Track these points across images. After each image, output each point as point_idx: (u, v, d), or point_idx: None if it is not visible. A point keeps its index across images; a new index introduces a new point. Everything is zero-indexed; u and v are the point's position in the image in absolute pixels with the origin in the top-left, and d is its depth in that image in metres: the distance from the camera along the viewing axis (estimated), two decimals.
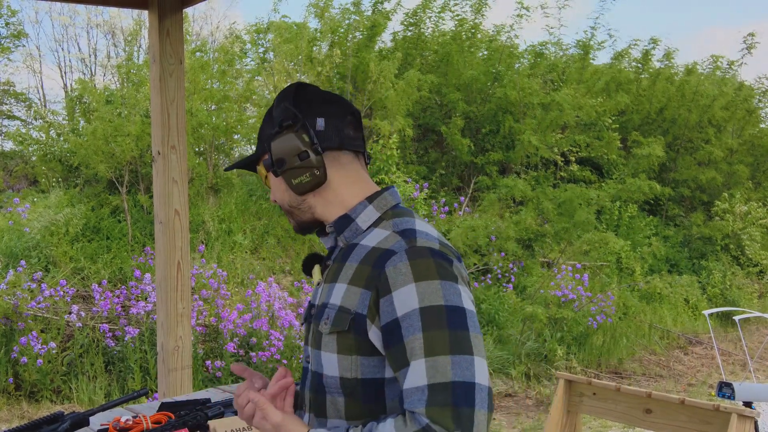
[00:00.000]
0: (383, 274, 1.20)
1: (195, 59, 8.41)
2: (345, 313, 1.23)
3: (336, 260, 1.34)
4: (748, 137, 13.24)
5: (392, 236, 1.26)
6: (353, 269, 1.26)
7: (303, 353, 1.42)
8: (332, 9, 9.60)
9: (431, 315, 1.15)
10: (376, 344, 1.21)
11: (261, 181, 1.45)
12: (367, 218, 1.33)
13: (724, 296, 10.22)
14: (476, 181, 9.80)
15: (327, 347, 1.26)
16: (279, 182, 1.38)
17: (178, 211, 3.05)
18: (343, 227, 1.34)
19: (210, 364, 5.57)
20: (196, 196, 7.94)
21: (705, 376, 7.52)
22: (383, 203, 1.35)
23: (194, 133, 7.91)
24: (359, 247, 1.29)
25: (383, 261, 1.21)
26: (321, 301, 1.31)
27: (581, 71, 11.37)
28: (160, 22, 2.98)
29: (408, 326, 1.15)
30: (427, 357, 1.12)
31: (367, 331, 1.21)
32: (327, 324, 1.26)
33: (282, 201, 1.39)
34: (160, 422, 2.04)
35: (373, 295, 1.21)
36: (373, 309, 1.20)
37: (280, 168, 1.33)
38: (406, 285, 1.17)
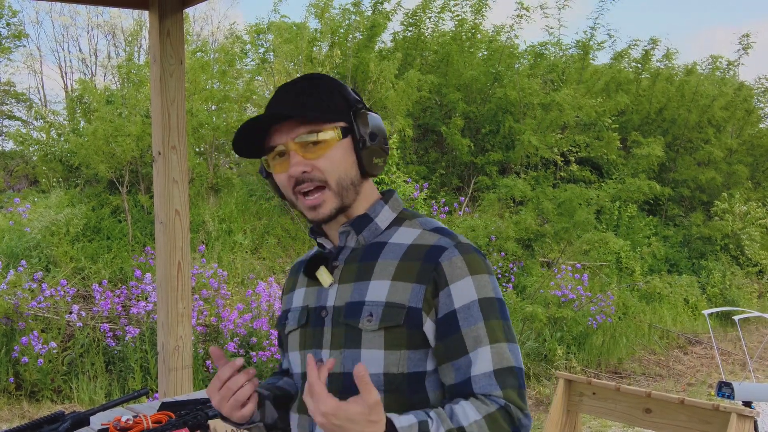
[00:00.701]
0: (439, 267, 1.22)
1: (195, 59, 8.42)
2: (396, 308, 1.22)
3: (349, 260, 1.31)
4: (747, 137, 13.25)
5: (429, 234, 1.28)
6: (393, 266, 1.25)
7: (293, 360, 1.36)
8: (332, 9, 9.62)
9: (487, 306, 1.23)
10: (428, 336, 1.23)
11: (282, 145, 1.26)
12: (386, 218, 1.33)
13: (723, 296, 10.23)
14: (476, 181, 9.81)
15: (370, 344, 1.23)
16: (348, 155, 1.28)
17: (179, 211, 3.05)
18: (362, 227, 1.31)
19: (210, 364, 5.58)
20: (196, 196, 7.94)
21: (704, 375, 7.52)
22: (396, 204, 1.36)
23: (195, 133, 7.92)
24: (389, 246, 1.29)
25: (435, 256, 1.24)
26: (344, 301, 1.27)
27: (581, 71, 11.37)
28: (160, 22, 2.99)
29: (467, 317, 1.22)
30: (491, 344, 1.21)
31: (423, 324, 1.22)
32: (372, 321, 1.23)
33: (339, 175, 1.27)
34: (161, 422, 2.05)
35: (429, 288, 1.22)
36: (429, 302, 1.22)
37: (373, 141, 1.29)
38: (462, 278, 1.23)
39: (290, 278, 1.47)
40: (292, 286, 1.44)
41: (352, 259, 1.31)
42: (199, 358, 5.59)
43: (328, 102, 1.29)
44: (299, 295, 1.38)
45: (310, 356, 1.10)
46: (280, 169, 1.28)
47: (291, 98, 1.28)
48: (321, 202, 1.26)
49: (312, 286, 1.36)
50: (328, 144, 1.25)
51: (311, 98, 1.28)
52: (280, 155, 1.28)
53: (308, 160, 1.25)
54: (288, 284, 1.47)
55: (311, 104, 1.28)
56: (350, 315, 1.26)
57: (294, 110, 1.27)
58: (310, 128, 1.25)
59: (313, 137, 1.24)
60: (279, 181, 1.30)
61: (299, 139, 1.25)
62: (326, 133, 1.25)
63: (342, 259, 1.32)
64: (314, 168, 1.25)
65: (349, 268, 1.30)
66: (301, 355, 1.34)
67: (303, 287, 1.38)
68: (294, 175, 1.25)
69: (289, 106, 1.28)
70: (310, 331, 1.32)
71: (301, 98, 1.28)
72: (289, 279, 1.47)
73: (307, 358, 1.15)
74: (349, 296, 1.27)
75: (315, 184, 1.25)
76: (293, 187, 1.27)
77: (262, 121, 1.26)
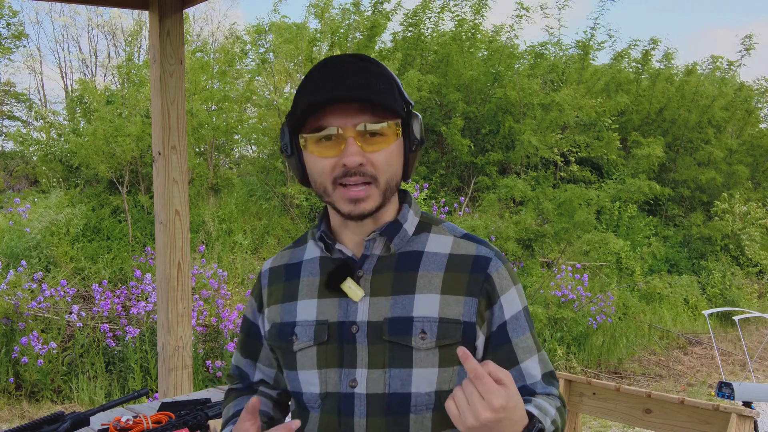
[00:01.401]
0: (490, 279, 1.19)
1: (195, 60, 8.43)
2: (452, 324, 1.16)
3: (379, 270, 1.20)
4: (747, 137, 13.25)
5: (464, 242, 1.23)
6: (439, 278, 1.18)
7: (306, 379, 1.22)
8: (332, 9, 9.62)
9: (527, 314, 1.24)
10: (478, 349, 1.20)
11: (349, 133, 1.12)
12: (412, 224, 1.25)
13: (723, 296, 10.22)
14: (476, 181, 9.81)
15: (424, 363, 1.16)
16: (399, 155, 1.18)
17: (179, 211, 3.05)
18: (393, 234, 1.21)
19: (210, 364, 5.58)
20: (196, 197, 7.94)
21: (705, 376, 7.52)
22: (417, 208, 1.28)
23: (195, 133, 7.92)
24: (428, 256, 1.21)
25: (482, 267, 1.20)
26: (382, 316, 1.17)
27: (581, 71, 11.37)
28: (160, 22, 2.99)
29: (516, 327, 1.21)
30: (539, 352, 1.25)
31: (476, 338, 1.19)
32: (427, 338, 1.15)
33: (390, 174, 1.16)
34: (161, 422, 2.05)
35: (482, 301, 1.18)
36: (482, 315, 1.18)
37: (421, 145, 1.21)
38: (510, 288, 1.22)
39: (274, 285, 1.31)
40: (287, 296, 1.27)
41: (382, 269, 1.21)
42: (199, 359, 5.59)
43: (394, 93, 1.17)
44: (308, 308, 1.23)
45: (464, 350, 0.97)
46: (325, 153, 1.14)
47: (360, 80, 1.13)
48: (366, 196, 1.14)
49: (328, 298, 1.22)
50: (388, 139, 1.15)
51: (380, 83, 1.15)
52: (328, 138, 1.13)
53: (365, 152, 1.13)
54: (274, 292, 1.30)
55: (383, 91, 1.14)
56: (397, 332, 1.16)
57: (368, 94, 1.12)
58: (375, 118, 1.13)
59: (377, 127, 1.13)
60: (318, 165, 1.15)
61: (362, 126, 1.12)
62: (390, 126, 1.15)
63: (368, 268, 1.21)
64: (369, 162, 1.13)
65: (381, 278, 1.20)
66: (321, 375, 1.20)
67: (312, 298, 1.24)
68: (350, 165, 1.12)
69: (360, 89, 1.12)
70: (335, 349, 1.19)
71: (371, 81, 1.14)
72: (275, 287, 1.31)
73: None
74: (389, 311, 1.17)
75: (364, 179, 1.13)
76: (338, 177, 1.14)
77: (333, 100, 1.11)
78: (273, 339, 1.28)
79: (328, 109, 1.13)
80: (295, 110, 1.17)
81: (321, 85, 1.13)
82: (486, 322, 1.19)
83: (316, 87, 1.14)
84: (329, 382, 1.19)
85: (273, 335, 1.27)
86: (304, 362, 1.22)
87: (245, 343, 1.39)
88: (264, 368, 1.39)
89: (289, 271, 1.30)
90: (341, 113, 1.12)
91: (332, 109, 1.13)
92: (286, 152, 1.22)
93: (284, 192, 8.51)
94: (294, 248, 1.35)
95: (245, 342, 1.39)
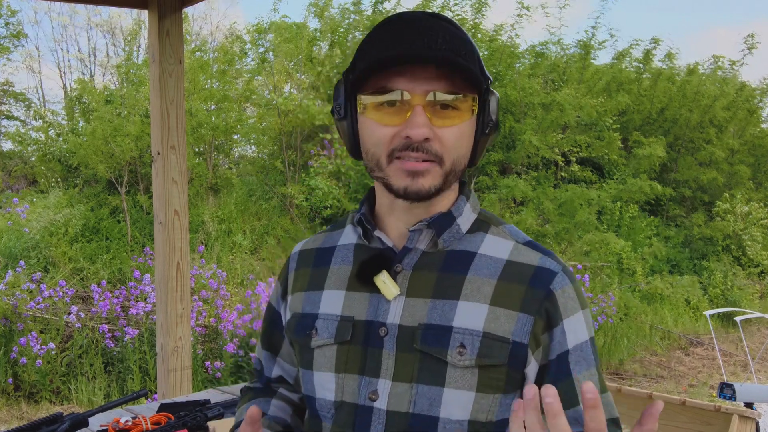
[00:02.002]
0: (552, 297, 1.00)
1: (195, 59, 8.42)
2: (499, 342, 0.98)
3: (421, 267, 1.03)
4: (749, 137, 13.25)
5: (526, 250, 1.04)
6: (491, 286, 1.00)
7: (321, 382, 1.07)
8: (332, 9, 9.61)
9: (594, 347, 1.04)
10: (528, 380, 1.00)
11: (425, 109, 0.95)
12: (467, 220, 1.07)
13: (725, 297, 10.21)
14: (476, 181, 9.79)
15: (459, 383, 0.98)
16: (470, 137, 1.01)
17: (178, 212, 3.04)
18: (443, 227, 1.04)
19: (209, 364, 5.56)
20: (195, 197, 7.93)
21: (706, 377, 7.50)
22: (475, 203, 1.10)
23: (194, 133, 7.90)
24: (480, 258, 1.03)
25: (545, 281, 1.00)
26: (416, 321, 1.00)
27: (582, 71, 11.36)
28: (159, 22, 2.97)
29: (580, 360, 1.00)
30: (603, 393, 1.02)
31: (527, 364, 0.99)
32: (465, 354, 0.97)
33: (458, 156, 0.99)
34: (160, 423, 2.03)
35: (539, 321, 0.99)
36: (537, 338, 0.99)
37: (496, 129, 1.05)
38: (576, 312, 1.01)
39: (302, 270, 1.16)
40: (314, 284, 1.12)
41: (425, 266, 1.03)
42: (198, 359, 5.57)
43: (475, 63, 0.99)
44: (334, 300, 1.08)
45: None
46: (385, 120, 0.97)
47: (438, 40, 0.95)
48: (426, 170, 0.97)
49: (358, 291, 1.06)
50: (462, 115, 0.98)
51: (462, 48, 0.97)
52: (391, 104, 0.96)
53: (434, 126, 0.96)
54: (300, 278, 1.15)
55: (464, 57, 0.96)
56: (431, 341, 0.99)
57: (447, 57, 0.94)
58: (451, 87, 0.96)
59: (450, 99, 0.96)
60: (375, 133, 0.99)
61: (432, 95, 0.95)
62: (466, 101, 0.97)
63: (409, 264, 1.04)
64: (437, 138, 0.96)
65: (422, 277, 1.03)
66: (337, 380, 1.04)
67: (340, 290, 1.08)
68: (414, 137, 0.95)
69: (438, 50, 0.94)
70: (357, 351, 1.03)
71: (452, 44, 0.96)
72: (302, 271, 1.16)
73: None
74: (426, 316, 1.00)
75: (428, 157, 0.96)
76: (396, 149, 0.97)
77: (404, 58, 0.94)
78: (291, 331, 1.13)
79: (396, 70, 0.95)
80: (355, 66, 1.01)
81: (391, 40, 0.96)
82: (542, 347, 1.00)
83: (384, 42, 0.97)
84: (346, 390, 1.03)
85: (292, 326, 1.13)
86: (322, 362, 1.06)
87: (266, 333, 1.23)
88: (284, 364, 1.22)
89: (320, 256, 1.15)
90: (411, 76, 0.95)
91: (401, 70, 0.95)
92: (338, 114, 1.04)
93: (284, 192, 8.49)
94: (331, 231, 1.18)
95: (266, 332, 1.23)
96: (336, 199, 8.13)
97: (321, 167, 8.42)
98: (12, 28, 9.55)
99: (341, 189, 8.35)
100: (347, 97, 1.02)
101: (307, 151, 8.94)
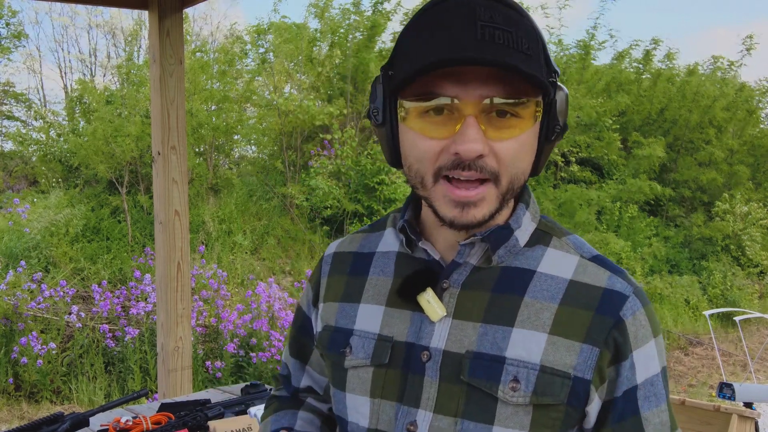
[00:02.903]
0: (622, 326, 0.85)
1: (195, 59, 8.42)
2: (559, 378, 0.84)
3: (471, 286, 0.90)
4: (748, 138, 13.26)
5: (593, 268, 0.89)
6: (551, 311, 0.86)
7: (354, 406, 0.96)
8: (332, 9, 9.62)
9: (665, 379, 0.91)
10: (589, 417, 0.88)
11: (474, 111, 0.79)
12: (525, 231, 0.92)
13: (724, 297, 10.22)
14: None
15: (510, 422, 0.85)
16: (532, 146, 0.86)
17: (178, 212, 3.04)
18: (500, 241, 0.90)
19: (210, 364, 5.57)
20: (196, 197, 7.94)
21: (705, 376, 7.51)
22: (536, 211, 0.95)
23: (194, 133, 7.91)
24: (540, 277, 0.89)
25: (614, 307, 0.86)
26: (464, 347, 0.87)
27: (582, 71, 11.37)
28: (160, 22, 2.98)
29: (650, 395, 0.88)
30: (674, 431, 0.91)
31: (589, 401, 0.86)
32: (519, 390, 0.84)
33: (516, 171, 0.85)
34: (160, 423, 2.03)
35: (605, 354, 0.85)
36: (602, 372, 0.85)
37: (562, 133, 0.89)
38: (647, 342, 0.87)
39: (336, 276, 1.03)
40: (349, 294, 1.00)
41: (475, 284, 0.90)
42: (199, 359, 5.58)
43: (540, 57, 0.83)
44: (371, 316, 0.95)
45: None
46: (431, 131, 0.82)
47: (498, 34, 0.78)
48: (479, 199, 0.83)
49: (397, 308, 0.93)
50: (523, 123, 0.82)
51: (525, 41, 0.80)
52: (438, 111, 0.81)
53: (489, 139, 0.81)
54: (335, 285, 1.03)
55: (527, 52, 0.80)
56: (481, 373, 0.86)
57: (508, 56, 0.77)
58: (510, 90, 0.80)
59: (510, 107, 0.80)
60: (419, 146, 0.84)
61: (488, 101, 0.79)
62: (528, 105, 0.81)
63: (457, 280, 0.91)
64: (492, 153, 0.81)
65: (472, 297, 0.89)
66: (372, 405, 0.93)
67: (379, 305, 0.95)
68: (465, 155, 0.80)
69: (498, 48, 0.77)
70: (397, 377, 0.91)
71: (514, 38, 0.79)
72: (337, 278, 1.03)
73: (400, 413, 0.87)
74: (475, 343, 0.87)
75: (481, 176, 0.81)
76: (444, 167, 0.82)
77: (454, 60, 0.77)
78: (323, 346, 1.01)
79: (444, 70, 0.80)
80: (394, 64, 0.86)
81: (439, 34, 0.79)
82: (607, 382, 0.86)
83: (431, 37, 0.80)
84: (381, 418, 0.92)
85: (324, 341, 1.00)
86: (355, 385, 0.95)
87: (295, 339, 1.11)
88: (314, 374, 1.12)
89: (358, 262, 1.01)
90: (462, 78, 0.79)
91: (449, 70, 0.79)
92: (375, 120, 0.89)
93: (284, 192, 8.50)
94: (370, 232, 1.05)
95: (295, 338, 1.11)
96: (336, 199, 8.14)
97: (321, 167, 8.42)
98: (13, 28, 9.56)
99: (341, 189, 8.36)
100: (386, 99, 0.87)
101: (307, 151, 8.95)
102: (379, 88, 0.88)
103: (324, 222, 8.51)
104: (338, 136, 8.61)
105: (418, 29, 0.83)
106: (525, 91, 0.80)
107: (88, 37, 11.45)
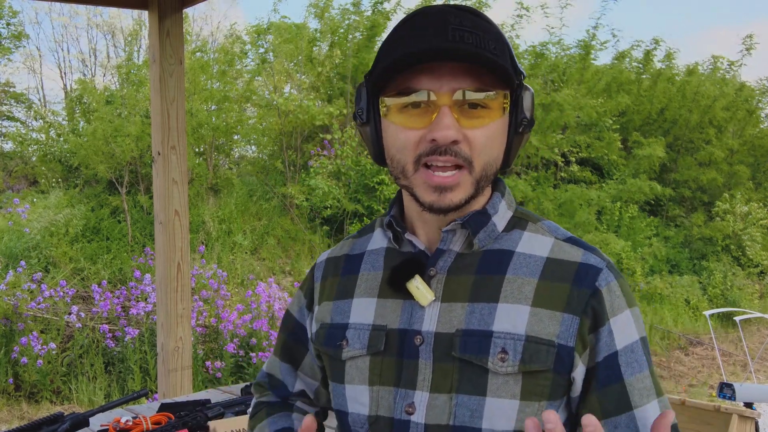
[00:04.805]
0: (598, 295, 0.93)
1: (195, 59, 8.42)
2: (544, 346, 0.91)
3: (455, 270, 0.97)
4: (748, 138, 13.26)
5: (567, 246, 0.97)
6: (531, 285, 0.93)
7: (353, 395, 1.01)
8: (332, 9, 9.62)
9: (646, 347, 0.97)
10: (575, 384, 0.94)
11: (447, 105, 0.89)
12: (503, 217, 1.00)
13: (724, 297, 10.22)
14: None
15: (502, 391, 0.91)
16: (502, 136, 0.94)
17: (178, 212, 3.04)
18: (478, 227, 0.97)
19: (210, 364, 5.57)
20: (196, 197, 7.93)
21: (706, 376, 7.51)
22: (511, 200, 1.04)
23: (194, 133, 7.91)
24: (519, 256, 0.96)
25: (589, 278, 0.93)
26: (453, 327, 0.94)
27: (582, 72, 11.37)
28: (160, 22, 2.98)
29: (631, 361, 0.94)
30: (659, 397, 0.95)
31: (573, 367, 0.92)
32: (507, 360, 0.91)
33: (489, 158, 0.93)
34: (160, 423, 2.03)
35: (585, 321, 0.92)
36: (584, 339, 0.92)
37: (530, 127, 0.97)
38: (623, 311, 0.94)
39: (329, 279, 1.10)
40: (342, 292, 1.06)
41: (460, 268, 0.97)
42: (199, 359, 5.58)
43: (506, 57, 0.93)
44: (365, 308, 1.02)
45: (534, 421, 0.76)
46: (410, 123, 0.91)
47: (465, 34, 0.89)
48: (454, 183, 0.91)
49: (389, 299, 1.00)
50: (493, 114, 0.91)
51: (492, 42, 0.90)
52: (416, 105, 0.90)
53: (462, 127, 0.89)
54: (328, 288, 1.09)
55: (494, 51, 0.90)
56: (470, 348, 0.92)
57: (475, 52, 0.87)
58: (480, 84, 0.89)
59: (480, 97, 0.89)
60: (400, 137, 0.92)
61: (460, 94, 0.88)
62: (497, 98, 0.90)
63: (443, 267, 0.98)
64: (466, 140, 0.90)
65: (458, 281, 0.96)
66: (371, 393, 0.98)
67: (371, 297, 1.02)
68: (441, 141, 0.88)
69: (466, 45, 0.88)
70: (392, 363, 0.97)
71: (481, 38, 0.89)
72: (330, 281, 1.09)
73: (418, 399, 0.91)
74: (464, 321, 0.94)
75: (456, 161, 0.90)
76: (423, 154, 0.91)
77: (428, 55, 0.87)
78: (320, 343, 1.06)
79: (420, 69, 0.89)
80: (376, 67, 0.95)
81: (413, 36, 0.90)
82: (589, 348, 0.93)
83: (405, 39, 0.90)
84: (381, 404, 0.97)
85: (321, 338, 1.06)
86: (354, 375, 1.00)
87: (286, 345, 1.16)
88: (306, 378, 1.16)
89: (349, 263, 1.08)
90: (436, 74, 0.89)
91: (425, 68, 0.89)
92: (360, 119, 0.98)
93: (284, 192, 8.50)
94: (358, 237, 1.12)
95: (286, 344, 1.16)
96: (336, 199, 8.14)
97: (321, 167, 8.43)
98: (13, 28, 9.55)
99: (341, 189, 8.36)
100: (369, 100, 0.96)
101: (307, 151, 8.95)
102: (363, 91, 0.97)
103: (324, 222, 8.51)
104: (338, 136, 8.61)
105: (396, 36, 0.93)
106: (493, 84, 0.90)
107: (88, 37, 11.45)
